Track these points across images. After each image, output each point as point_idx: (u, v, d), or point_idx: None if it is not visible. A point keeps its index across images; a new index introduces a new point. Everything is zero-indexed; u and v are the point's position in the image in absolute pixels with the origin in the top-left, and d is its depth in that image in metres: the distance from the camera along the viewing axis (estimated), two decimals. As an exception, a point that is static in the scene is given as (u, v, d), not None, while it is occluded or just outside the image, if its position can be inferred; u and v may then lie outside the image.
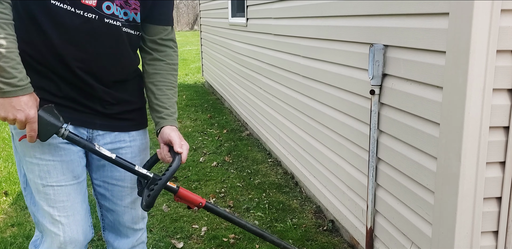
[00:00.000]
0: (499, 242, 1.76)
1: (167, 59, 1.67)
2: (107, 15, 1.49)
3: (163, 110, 1.63)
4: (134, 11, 1.55)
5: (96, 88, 1.54)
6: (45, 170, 1.54)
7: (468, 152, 1.64)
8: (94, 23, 1.47)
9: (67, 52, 1.47)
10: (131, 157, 1.69)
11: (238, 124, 5.77)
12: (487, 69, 1.58)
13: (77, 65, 1.49)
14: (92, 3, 1.46)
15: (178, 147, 1.53)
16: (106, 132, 1.63)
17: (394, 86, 2.10)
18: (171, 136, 1.56)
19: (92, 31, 1.48)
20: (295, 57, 3.46)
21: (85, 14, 1.46)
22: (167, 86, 1.66)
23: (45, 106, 1.42)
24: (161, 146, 1.59)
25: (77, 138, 1.46)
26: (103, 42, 1.50)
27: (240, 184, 3.80)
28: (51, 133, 1.41)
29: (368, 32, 2.31)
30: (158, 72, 1.66)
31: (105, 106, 1.59)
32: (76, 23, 1.45)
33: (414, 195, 2.00)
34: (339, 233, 2.95)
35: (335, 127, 2.80)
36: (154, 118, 1.65)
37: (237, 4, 5.69)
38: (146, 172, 1.50)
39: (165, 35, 1.66)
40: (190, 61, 13.40)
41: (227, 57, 6.29)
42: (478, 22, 1.54)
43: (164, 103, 1.64)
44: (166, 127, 1.60)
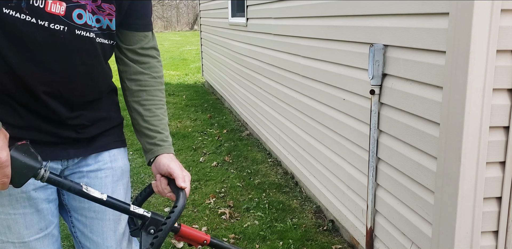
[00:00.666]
0: (499, 242, 1.76)
1: (151, 72, 1.40)
2: (78, 26, 1.20)
3: (155, 135, 1.37)
4: (108, 17, 1.27)
5: (64, 114, 1.27)
6: (5, 225, 1.27)
7: (468, 151, 1.64)
8: (63, 37, 1.18)
9: (29, 75, 1.18)
10: (112, 181, 1.41)
11: (238, 124, 5.77)
12: (487, 69, 1.58)
13: (43, 90, 1.20)
14: (59, 12, 1.16)
15: (181, 181, 1.28)
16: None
17: (394, 86, 2.10)
18: (171, 167, 1.31)
19: (60, 46, 1.19)
20: (295, 57, 3.46)
21: (51, 26, 1.16)
22: (156, 105, 1.40)
23: (19, 145, 1.15)
24: (157, 177, 1.34)
25: (59, 179, 1.17)
26: (73, 59, 1.23)
27: (240, 184, 3.80)
28: (28, 177, 1.14)
29: (368, 32, 2.30)
30: (143, 89, 1.39)
31: (78, 130, 1.32)
32: (38, 38, 1.16)
33: (414, 195, 2.00)
34: (339, 233, 2.95)
35: (335, 126, 2.80)
36: (145, 145, 1.39)
37: (237, 4, 5.69)
38: (143, 212, 1.24)
39: (146, 43, 1.38)
40: (190, 61, 13.40)
41: (227, 57, 6.29)
42: (478, 22, 1.54)
43: (155, 126, 1.38)
44: (163, 155, 1.35)
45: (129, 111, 1.42)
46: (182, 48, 17.46)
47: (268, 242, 2.83)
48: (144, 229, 1.23)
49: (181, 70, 11.32)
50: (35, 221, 1.30)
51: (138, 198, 1.36)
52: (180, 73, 10.78)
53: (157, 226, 1.22)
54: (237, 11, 5.72)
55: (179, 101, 7.26)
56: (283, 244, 2.80)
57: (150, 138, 1.37)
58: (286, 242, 2.81)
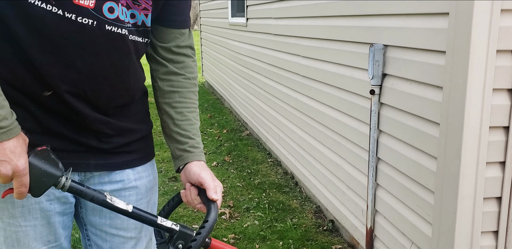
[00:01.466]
0: (499, 242, 1.76)
1: (185, 72, 1.28)
2: (109, 21, 1.08)
3: (186, 141, 1.26)
4: (144, 12, 1.15)
5: (90, 118, 1.15)
6: (14, 238, 1.18)
7: (468, 151, 1.64)
8: (91, 32, 1.07)
9: (52, 72, 1.07)
10: (136, 200, 1.31)
11: (238, 124, 5.77)
12: (487, 69, 1.58)
13: (66, 89, 1.09)
14: (88, 4, 1.05)
15: (212, 193, 1.16)
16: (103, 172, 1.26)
17: (394, 86, 2.10)
18: (201, 176, 1.19)
19: (87, 42, 1.08)
20: (295, 57, 3.46)
21: (79, 19, 1.05)
22: (189, 108, 1.28)
23: (38, 150, 1.05)
24: (186, 186, 1.23)
25: (81, 189, 1.07)
26: (102, 58, 1.11)
27: (240, 184, 3.80)
28: (48, 186, 1.05)
29: (368, 32, 2.30)
30: (176, 90, 1.28)
31: (102, 139, 1.20)
32: (65, 32, 1.05)
33: (414, 195, 2.00)
34: (339, 233, 2.95)
35: (335, 126, 2.80)
36: (175, 151, 1.28)
37: (237, 4, 5.69)
38: (171, 224, 1.13)
39: (182, 41, 1.27)
40: (190, 61, 13.38)
41: (227, 57, 6.29)
42: (478, 22, 1.54)
43: (187, 131, 1.27)
44: (193, 163, 1.24)
45: (159, 113, 1.32)
46: (182, 48, 17.45)
47: (268, 242, 2.83)
48: (172, 243, 1.13)
49: (181, 70, 11.30)
50: (44, 233, 1.21)
51: (165, 208, 1.25)
52: (180, 73, 10.77)
53: (186, 240, 1.12)
54: (237, 11, 5.72)
55: (179, 101, 7.26)
56: (283, 244, 2.80)
57: (180, 144, 1.26)
58: (286, 242, 2.81)
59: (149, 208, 1.35)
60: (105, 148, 1.21)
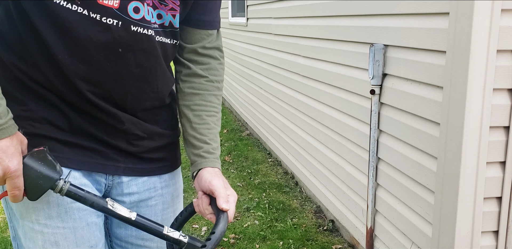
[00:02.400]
0: (499, 242, 1.76)
1: (209, 75, 1.23)
2: (134, 21, 1.06)
3: (201, 146, 1.21)
4: (171, 12, 1.11)
5: (120, 118, 1.12)
6: (52, 241, 1.11)
7: (468, 151, 1.64)
8: (116, 33, 1.04)
9: (75, 72, 1.05)
10: (162, 209, 1.27)
11: (238, 124, 5.77)
12: (487, 69, 1.58)
13: (89, 89, 1.07)
14: (113, 4, 1.03)
15: (222, 202, 1.08)
16: (131, 178, 1.19)
17: (395, 86, 2.10)
18: (212, 184, 1.12)
19: (112, 43, 1.05)
20: (295, 57, 3.46)
21: (103, 20, 1.03)
22: (208, 112, 1.23)
23: (35, 151, 1.00)
24: (199, 195, 1.17)
25: (81, 193, 1.02)
26: (128, 59, 1.08)
27: (240, 183, 3.80)
28: (45, 189, 0.99)
29: (368, 32, 2.31)
30: (197, 93, 1.22)
31: (132, 141, 1.16)
32: (89, 32, 1.03)
33: (414, 195, 2.00)
34: (339, 233, 2.95)
35: (335, 126, 2.80)
36: (190, 156, 1.24)
37: (237, 4, 5.69)
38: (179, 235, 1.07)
39: (209, 42, 1.21)
40: (190, 61, 13.39)
41: (227, 57, 6.29)
42: (478, 22, 1.54)
43: (203, 135, 1.22)
44: (206, 169, 1.18)
45: (178, 116, 1.28)
46: (182, 48, 17.46)
47: (268, 242, 2.83)
48: None
49: (181, 70, 11.31)
50: (86, 237, 1.13)
51: (178, 218, 1.18)
52: (180, 73, 10.78)
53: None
54: (237, 11, 5.72)
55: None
56: (283, 244, 2.80)
57: (195, 148, 1.21)
58: (286, 242, 2.81)
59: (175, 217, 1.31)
60: (134, 151, 1.17)
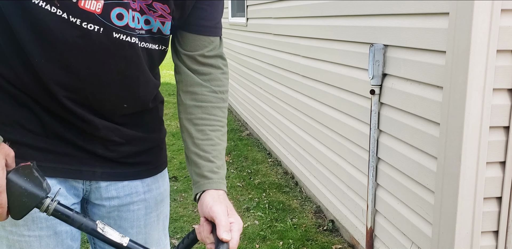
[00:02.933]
0: (499, 242, 1.76)
1: (212, 85, 1.13)
2: (117, 28, 1.00)
3: (205, 164, 1.09)
4: (160, 19, 1.05)
5: (97, 125, 1.07)
6: (17, 247, 1.08)
7: (468, 151, 1.64)
8: (97, 39, 0.99)
9: (51, 77, 1.00)
10: (145, 214, 1.21)
11: (238, 124, 5.77)
12: (487, 69, 1.58)
13: (65, 95, 1.02)
14: (95, 9, 0.97)
15: (223, 232, 0.94)
16: (110, 183, 1.14)
17: (394, 86, 2.10)
18: (213, 210, 0.98)
19: (92, 49, 1.00)
20: (295, 57, 3.46)
21: (84, 25, 0.97)
22: (212, 126, 1.12)
23: (20, 167, 0.93)
24: (201, 221, 1.04)
25: (69, 214, 0.94)
26: (108, 67, 1.03)
27: (240, 183, 3.80)
28: (30, 207, 0.93)
29: (368, 32, 2.31)
30: (199, 105, 1.13)
31: (109, 147, 1.11)
32: (67, 37, 0.97)
33: (414, 195, 2.00)
34: (339, 233, 2.95)
35: (335, 126, 2.80)
36: (192, 175, 1.11)
37: (237, 4, 5.69)
38: None
39: (209, 50, 1.12)
40: (190, 61, 13.39)
41: (227, 57, 6.28)
42: (478, 22, 1.54)
43: (206, 152, 1.10)
44: (209, 192, 1.05)
45: (180, 131, 1.17)
46: (182, 48, 17.45)
47: (268, 242, 2.83)
48: None
49: (181, 70, 11.32)
50: (51, 245, 1.10)
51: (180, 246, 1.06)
52: (180, 73, 10.78)
53: None
54: (237, 11, 5.72)
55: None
56: (283, 244, 2.80)
57: (197, 167, 1.09)
58: (286, 242, 2.81)
59: (160, 221, 1.25)
60: (111, 156, 1.12)
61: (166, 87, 8.74)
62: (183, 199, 3.48)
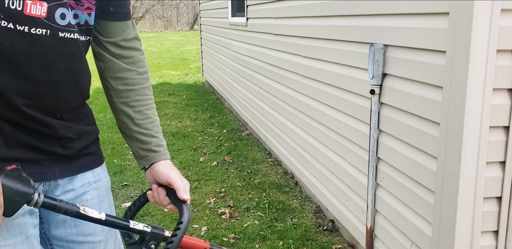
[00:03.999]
0: (499, 241, 1.76)
1: (137, 68, 1.24)
2: (61, 27, 1.05)
3: (150, 140, 1.24)
4: (87, 11, 1.12)
5: (54, 126, 1.12)
6: None
7: (468, 151, 1.64)
8: (46, 42, 1.03)
9: (7, 87, 1.02)
10: (99, 202, 1.28)
11: (238, 124, 5.77)
12: (487, 69, 1.58)
13: (24, 103, 1.05)
14: (41, 14, 1.01)
15: (183, 193, 1.15)
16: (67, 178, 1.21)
17: (394, 86, 2.10)
18: (170, 177, 1.18)
19: (43, 54, 1.04)
20: (295, 57, 3.46)
21: (32, 31, 1.00)
22: (147, 106, 1.26)
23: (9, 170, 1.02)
24: (153, 187, 1.22)
25: (55, 203, 1.05)
26: (58, 66, 1.08)
27: (240, 183, 3.80)
28: (21, 204, 1.02)
29: (368, 31, 2.31)
30: (131, 89, 1.24)
31: (65, 145, 1.17)
32: (18, 46, 1.00)
33: (414, 195, 2.00)
34: (339, 233, 2.95)
35: (335, 126, 2.80)
36: (138, 151, 1.25)
37: (237, 4, 5.69)
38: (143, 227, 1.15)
39: (128, 33, 1.22)
40: (190, 61, 13.40)
41: (227, 57, 6.29)
42: (478, 21, 1.54)
43: (148, 129, 1.24)
44: (160, 163, 1.22)
45: (115, 114, 1.28)
46: (182, 48, 17.46)
47: (268, 242, 2.84)
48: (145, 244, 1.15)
49: (181, 70, 11.32)
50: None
51: (131, 209, 1.25)
52: (180, 73, 10.79)
53: (158, 240, 1.15)
54: (237, 11, 5.72)
55: (179, 101, 7.26)
56: (283, 244, 2.80)
57: (143, 143, 1.24)
58: (286, 242, 2.81)
59: (110, 208, 1.34)
60: (68, 153, 1.18)
61: (166, 87, 8.74)
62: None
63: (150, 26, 35.27)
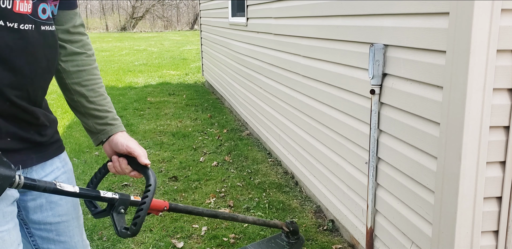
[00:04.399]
0: (499, 241, 1.76)
1: (86, 50, 1.36)
2: (43, 21, 1.16)
3: (105, 115, 1.35)
4: (54, 3, 1.22)
5: (37, 114, 1.22)
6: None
7: (468, 151, 1.64)
8: (32, 36, 1.13)
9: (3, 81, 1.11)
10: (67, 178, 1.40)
11: (238, 124, 5.77)
12: (487, 69, 1.58)
13: (15, 94, 1.14)
14: (27, 10, 1.11)
15: (144, 159, 1.28)
16: (39, 164, 1.30)
17: (394, 86, 2.10)
18: (130, 146, 1.29)
19: (29, 47, 1.13)
20: (295, 57, 3.46)
21: (21, 27, 1.10)
22: (98, 84, 1.37)
23: None
24: (114, 158, 1.33)
25: (34, 183, 1.13)
26: (40, 58, 1.17)
27: (240, 183, 3.80)
28: (4, 188, 1.09)
29: (368, 31, 2.31)
30: (82, 69, 1.34)
31: (41, 132, 1.26)
32: (8, 42, 1.08)
33: (414, 195, 2.00)
34: (339, 233, 2.95)
35: (335, 126, 2.80)
36: (95, 126, 1.35)
37: (237, 4, 5.69)
38: (112, 195, 1.27)
39: (76, 20, 1.33)
40: (190, 60, 13.40)
41: (227, 57, 6.29)
42: (478, 21, 1.54)
43: (103, 105, 1.35)
44: (118, 134, 1.34)
45: (67, 95, 1.37)
46: (182, 48, 17.46)
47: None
48: (115, 210, 1.27)
49: (181, 70, 11.32)
50: (15, 236, 1.20)
51: (93, 181, 1.36)
52: (180, 73, 10.79)
53: (126, 205, 1.27)
54: (237, 11, 5.72)
55: (179, 101, 7.26)
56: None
57: (100, 119, 1.35)
58: (286, 242, 2.81)
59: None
60: (43, 141, 1.27)
61: (166, 87, 8.75)
62: (183, 199, 3.48)
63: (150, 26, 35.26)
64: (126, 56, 15.01)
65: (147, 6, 35.22)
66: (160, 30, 33.68)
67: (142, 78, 9.96)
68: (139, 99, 7.45)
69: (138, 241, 2.85)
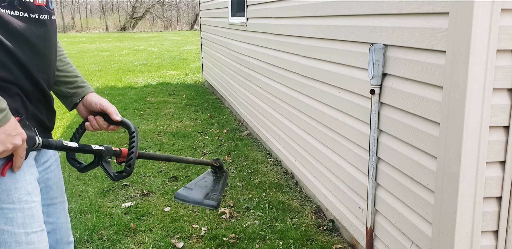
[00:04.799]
0: (499, 241, 1.76)
1: None
2: (52, 11, 1.34)
3: (75, 80, 1.51)
4: None
5: (51, 98, 1.38)
6: (30, 215, 1.26)
7: (468, 151, 1.64)
8: (49, 25, 1.31)
9: (33, 65, 1.26)
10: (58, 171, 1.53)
11: (238, 124, 5.77)
12: (487, 69, 1.58)
13: (41, 77, 1.30)
14: (43, 2, 1.29)
15: (115, 115, 1.45)
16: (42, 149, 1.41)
17: (394, 85, 2.10)
18: (103, 104, 1.46)
19: (47, 34, 1.31)
20: (295, 57, 3.46)
21: (41, 17, 1.28)
22: (63, 55, 1.52)
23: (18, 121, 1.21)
24: (90, 117, 1.49)
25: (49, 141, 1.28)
26: (53, 43, 1.36)
27: (240, 183, 3.80)
28: (31, 147, 1.23)
29: (368, 31, 2.31)
30: None
31: (50, 118, 1.40)
32: (34, 30, 1.26)
33: (414, 195, 2.00)
34: (339, 233, 2.95)
35: (335, 126, 2.80)
36: (68, 91, 1.49)
37: (237, 4, 5.69)
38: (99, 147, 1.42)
39: None
40: (190, 60, 13.40)
41: (227, 57, 6.29)
42: (478, 21, 1.54)
43: (71, 72, 1.51)
44: (90, 94, 1.50)
45: None
46: (182, 48, 17.46)
47: (268, 241, 2.84)
48: (103, 160, 1.42)
49: (181, 70, 11.32)
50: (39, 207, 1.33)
51: (76, 136, 1.51)
52: (180, 73, 10.78)
53: (110, 154, 1.43)
54: (237, 11, 5.72)
55: (179, 101, 7.26)
56: (283, 243, 2.80)
57: (70, 83, 1.50)
58: (286, 242, 2.81)
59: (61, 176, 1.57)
60: (50, 127, 1.41)
61: (166, 87, 8.75)
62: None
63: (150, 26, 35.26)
64: (126, 56, 15.01)
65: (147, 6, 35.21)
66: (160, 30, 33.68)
67: (142, 78, 9.96)
68: (139, 100, 7.45)
69: (138, 241, 2.85)
